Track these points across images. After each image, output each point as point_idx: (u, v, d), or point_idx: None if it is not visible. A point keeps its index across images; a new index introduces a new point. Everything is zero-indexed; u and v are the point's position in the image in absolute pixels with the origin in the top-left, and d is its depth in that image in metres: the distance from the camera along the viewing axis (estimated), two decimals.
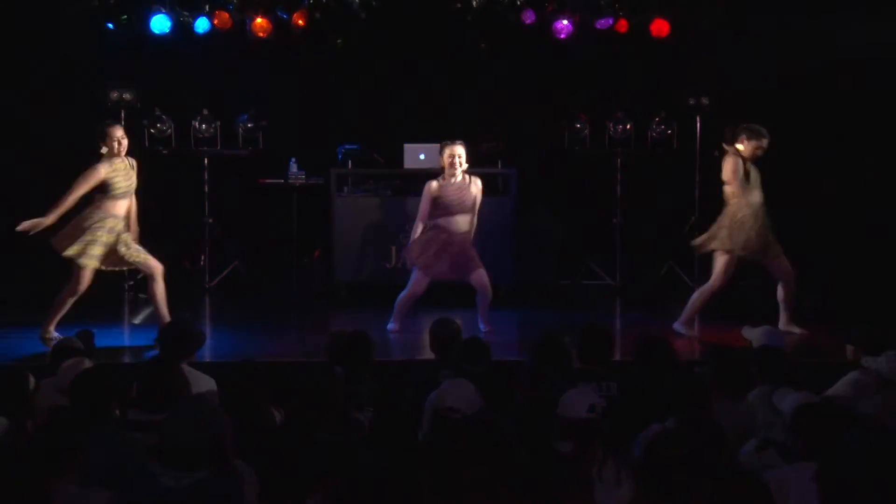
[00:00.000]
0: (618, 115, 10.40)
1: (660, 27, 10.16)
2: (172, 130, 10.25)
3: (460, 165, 7.80)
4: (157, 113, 10.14)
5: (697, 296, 7.60)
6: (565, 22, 10.13)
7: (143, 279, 8.17)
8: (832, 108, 10.05)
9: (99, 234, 7.24)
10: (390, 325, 7.87)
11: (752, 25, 10.00)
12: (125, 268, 7.71)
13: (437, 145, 9.41)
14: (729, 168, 7.52)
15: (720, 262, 7.49)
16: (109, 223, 7.28)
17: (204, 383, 5.04)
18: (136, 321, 8.53)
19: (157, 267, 7.39)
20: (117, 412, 4.28)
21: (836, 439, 3.66)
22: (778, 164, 10.35)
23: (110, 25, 9.97)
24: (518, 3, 9.95)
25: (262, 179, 10.36)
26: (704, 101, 10.23)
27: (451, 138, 7.99)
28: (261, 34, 10.01)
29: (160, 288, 7.39)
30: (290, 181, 10.23)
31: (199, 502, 3.39)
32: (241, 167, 10.42)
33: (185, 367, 4.98)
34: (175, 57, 10.10)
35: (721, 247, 7.46)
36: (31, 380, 4.80)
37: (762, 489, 3.05)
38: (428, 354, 5.93)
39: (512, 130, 10.46)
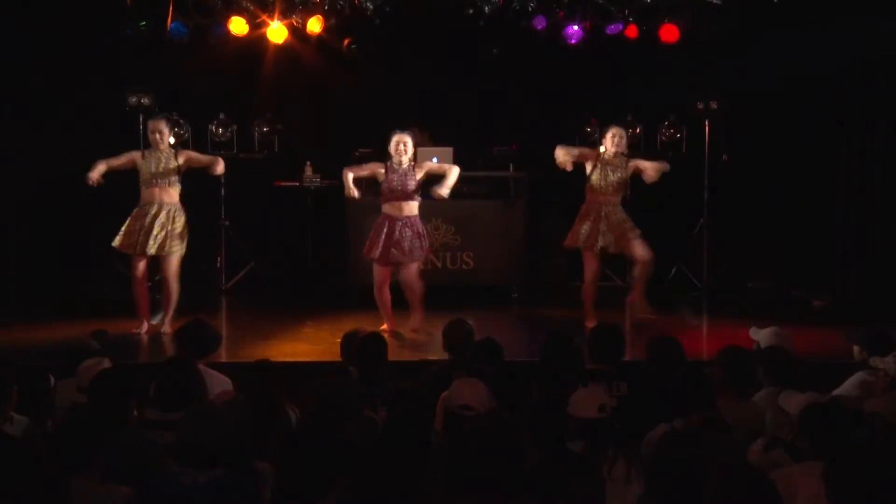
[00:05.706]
0: (628, 119, 10.43)
1: (669, 32, 10.19)
2: (190, 134, 10.34)
3: (405, 153, 7.96)
4: (175, 117, 10.22)
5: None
6: (576, 28, 10.17)
7: (160, 280, 8.26)
8: (837, 111, 10.08)
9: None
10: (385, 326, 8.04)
11: (760, 30, 10.02)
12: None
13: (450, 149, 9.51)
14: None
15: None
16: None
17: (220, 383, 5.10)
18: (153, 321, 8.60)
19: None
20: (135, 411, 4.33)
21: (843, 439, 3.72)
22: (785, 165, 10.44)
23: (129, 31, 10.04)
24: (529, 9, 9.98)
25: (277, 182, 10.45)
26: (713, 105, 10.25)
27: (459, 142, 8.09)
28: (277, 39, 10.09)
29: None
30: (306, 184, 10.32)
31: (217, 501, 3.41)
32: (257, 170, 10.50)
33: (202, 367, 5.03)
34: (192, 62, 10.18)
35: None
36: (51, 379, 4.89)
37: (770, 488, 3.08)
38: (441, 355, 5.99)
39: (523, 134, 10.50)
